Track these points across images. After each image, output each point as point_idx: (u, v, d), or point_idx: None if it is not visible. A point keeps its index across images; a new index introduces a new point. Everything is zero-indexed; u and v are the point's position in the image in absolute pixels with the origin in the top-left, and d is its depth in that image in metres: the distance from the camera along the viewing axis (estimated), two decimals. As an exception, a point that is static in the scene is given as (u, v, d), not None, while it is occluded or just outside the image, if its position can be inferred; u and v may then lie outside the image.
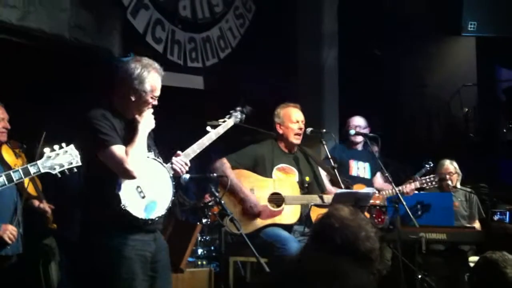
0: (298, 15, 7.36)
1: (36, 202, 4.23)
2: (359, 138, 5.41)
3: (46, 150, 2.93)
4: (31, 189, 4.17)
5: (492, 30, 7.68)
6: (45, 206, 4.23)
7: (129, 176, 2.97)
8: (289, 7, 7.25)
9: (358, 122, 5.51)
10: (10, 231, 3.74)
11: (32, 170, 2.91)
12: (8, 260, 3.86)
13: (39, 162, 2.91)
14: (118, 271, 2.97)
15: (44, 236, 4.41)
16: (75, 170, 2.96)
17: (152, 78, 3.10)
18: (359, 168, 5.40)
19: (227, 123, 3.74)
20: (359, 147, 5.49)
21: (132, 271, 2.98)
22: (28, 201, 4.15)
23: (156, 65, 3.16)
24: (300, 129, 4.42)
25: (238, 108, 3.88)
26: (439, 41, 7.89)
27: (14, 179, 2.89)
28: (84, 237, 3.11)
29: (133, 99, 3.08)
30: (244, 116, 3.90)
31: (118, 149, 2.97)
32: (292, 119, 4.41)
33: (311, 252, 1.92)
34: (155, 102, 3.16)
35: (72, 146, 2.95)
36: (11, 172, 2.91)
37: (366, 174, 5.41)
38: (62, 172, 2.94)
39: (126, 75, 3.08)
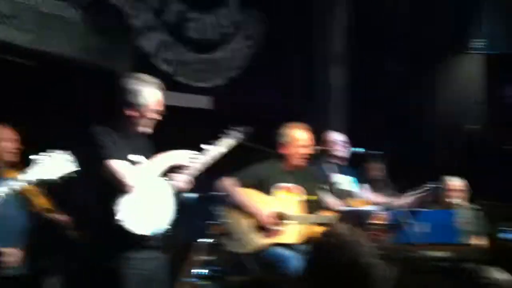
0: (308, 36, 7.42)
1: (56, 214, 4.21)
2: (347, 153, 5.40)
3: (33, 156, 2.87)
4: (43, 202, 4.14)
5: (501, 47, 7.71)
6: (64, 216, 4.22)
7: (129, 191, 3.03)
8: (298, 28, 7.32)
9: (341, 137, 5.46)
10: (14, 256, 3.72)
11: (24, 178, 2.81)
12: (10, 280, 3.84)
13: (28, 169, 2.83)
14: None
15: (47, 254, 4.44)
16: (75, 174, 2.92)
17: (150, 92, 3.20)
18: (346, 182, 5.35)
19: (225, 141, 3.77)
20: (345, 162, 5.49)
21: None
22: (44, 215, 4.12)
23: (154, 80, 3.27)
24: (307, 153, 4.45)
25: (238, 128, 3.92)
26: (448, 58, 7.93)
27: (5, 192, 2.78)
28: (83, 257, 3.18)
29: (134, 115, 3.19)
30: (243, 135, 3.92)
31: (119, 164, 3.05)
32: (298, 142, 4.42)
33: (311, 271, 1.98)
34: (159, 117, 3.24)
35: (62, 152, 2.91)
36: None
37: (353, 188, 5.38)
38: (63, 178, 2.88)
39: (126, 92, 3.19)
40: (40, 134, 4.87)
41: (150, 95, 3.21)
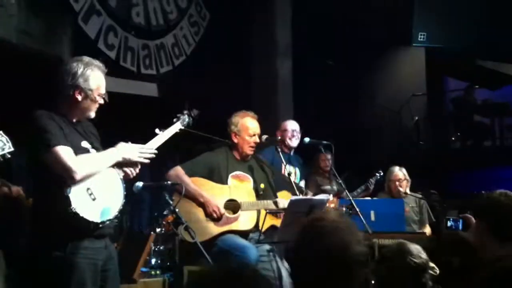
0: (253, 25, 7.41)
1: (5, 188, 3.98)
2: (295, 143, 5.42)
3: None
4: None
5: (442, 41, 7.91)
6: (15, 188, 3.97)
7: (72, 179, 2.88)
8: (244, 16, 7.28)
9: (295, 126, 5.51)
10: None
11: None
12: None
13: None
14: (69, 282, 2.88)
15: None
16: (9, 156, 2.76)
17: (96, 76, 3.07)
18: (291, 173, 5.38)
19: (175, 126, 3.69)
20: (291, 151, 5.50)
21: (83, 281, 2.90)
22: None
23: (98, 62, 3.13)
24: (255, 142, 4.42)
25: (186, 112, 3.84)
26: (390, 52, 8.08)
27: None
28: (32, 248, 3.01)
29: (79, 98, 3.04)
30: (191, 119, 3.84)
31: (63, 150, 2.89)
32: (250, 131, 4.39)
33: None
34: (102, 101, 3.12)
35: (1, 132, 2.76)
36: None
37: (296, 179, 5.41)
38: None
39: (69, 75, 3.04)
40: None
41: (95, 78, 3.08)
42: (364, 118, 8.00)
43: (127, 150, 3.13)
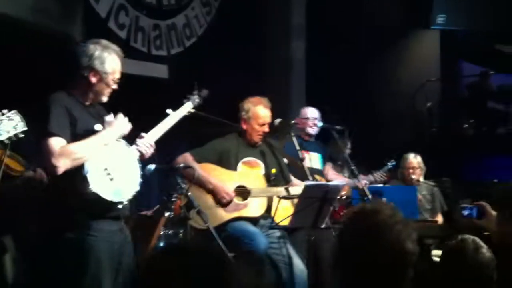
0: (266, 7, 7.29)
1: (31, 173, 3.98)
2: (315, 131, 5.36)
3: None
4: (14, 164, 3.93)
5: (461, 23, 7.76)
6: (39, 170, 3.95)
7: (52, 171, 2.88)
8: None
9: (316, 114, 5.45)
10: None
11: None
12: None
13: None
14: (86, 263, 2.87)
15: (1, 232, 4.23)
16: (22, 135, 2.78)
17: (112, 60, 3.07)
18: (312, 160, 5.32)
19: (185, 106, 3.67)
20: (312, 138, 5.43)
21: (99, 262, 2.89)
22: (17, 178, 3.92)
23: (115, 47, 3.13)
24: (264, 132, 4.36)
25: (195, 92, 3.80)
26: (406, 35, 7.93)
27: None
28: (48, 230, 2.99)
29: (93, 81, 3.04)
30: (201, 99, 3.80)
31: (55, 141, 2.88)
32: (260, 120, 4.32)
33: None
34: (115, 86, 3.11)
35: (14, 111, 2.77)
36: None
37: (318, 165, 5.36)
38: (10, 139, 2.76)
39: (86, 57, 3.03)
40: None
41: (112, 62, 3.08)
42: (377, 104, 7.89)
43: (118, 127, 3.07)
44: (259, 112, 4.34)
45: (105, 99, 3.13)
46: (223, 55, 6.40)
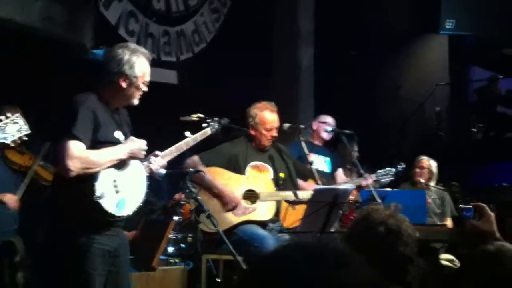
0: (274, 13, 7.33)
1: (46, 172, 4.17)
2: (328, 137, 5.39)
3: None
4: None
5: (469, 28, 7.75)
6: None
7: (64, 173, 2.85)
8: (266, 4, 7.20)
9: (333, 122, 5.48)
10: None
11: None
12: None
13: None
14: (81, 267, 2.89)
15: (12, 235, 4.29)
16: (25, 138, 2.76)
17: (141, 63, 3.05)
18: (319, 162, 5.34)
19: (204, 131, 3.68)
20: (321, 144, 5.45)
21: (94, 267, 2.91)
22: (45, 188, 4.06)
23: (143, 49, 3.13)
24: (272, 136, 4.38)
25: (216, 119, 3.84)
26: (415, 40, 7.93)
27: None
28: (50, 236, 3.02)
29: (123, 85, 3.01)
30: (220, 126, 3.86)
31: (74, 145, 2.84)
32: (267, 126, 4.34)
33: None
34: (146, 89, 3.09)
35: (18, 114, 2.75)
36: None
37: (326, 168, 5.37)
38: (15, 142, 2.75)
39: (115, 62, 3.00)
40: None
41: (141, 65, 3.05)
42: (386, 109, 7.90)
43: (134, 147, 3.04)
44: (266, 117, 4.36)
45: (136, 101, 3.10)
46: (231, 61, 6.44)
